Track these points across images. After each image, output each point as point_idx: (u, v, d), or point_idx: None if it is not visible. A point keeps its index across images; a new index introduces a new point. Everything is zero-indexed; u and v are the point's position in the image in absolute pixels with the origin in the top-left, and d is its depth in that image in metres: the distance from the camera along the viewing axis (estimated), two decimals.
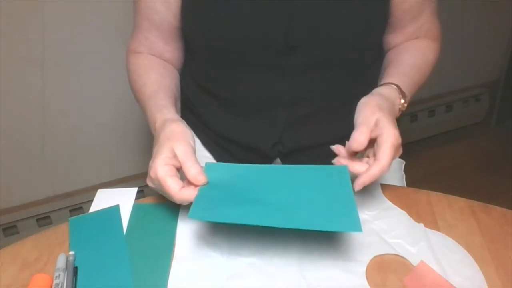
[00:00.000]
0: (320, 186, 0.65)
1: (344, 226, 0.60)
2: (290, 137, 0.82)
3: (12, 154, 1.33)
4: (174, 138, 0.66)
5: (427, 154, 1.82)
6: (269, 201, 0.62)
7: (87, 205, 1.04)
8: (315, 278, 0.60)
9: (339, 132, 0.83)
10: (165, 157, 0.63)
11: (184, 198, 0.62)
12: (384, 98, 0.70)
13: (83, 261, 0.62)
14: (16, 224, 1.42)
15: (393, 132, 0.64)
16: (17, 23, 1.18)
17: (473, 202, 0.71)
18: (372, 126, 0.66)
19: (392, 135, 0.64)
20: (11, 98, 1.26)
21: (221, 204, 0.61)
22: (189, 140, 0.67)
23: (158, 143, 0.66)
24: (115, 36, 1.24)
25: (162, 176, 0.62)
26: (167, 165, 0.63)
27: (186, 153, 0.64)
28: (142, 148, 1.50)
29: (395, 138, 0.64)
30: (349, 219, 0.59)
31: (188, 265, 0.62)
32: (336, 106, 0.82)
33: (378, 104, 0.68)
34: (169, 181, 0.62)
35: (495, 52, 1.92)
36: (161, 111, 0.72)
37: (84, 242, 0.65)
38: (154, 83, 0.79)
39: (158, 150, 0.65)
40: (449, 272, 0.60)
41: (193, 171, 0.63)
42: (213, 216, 0.60)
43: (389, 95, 0.72)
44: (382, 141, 0.64)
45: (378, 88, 0.74)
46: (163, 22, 0.80)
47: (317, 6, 0.72)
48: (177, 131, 0.67)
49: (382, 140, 0.64)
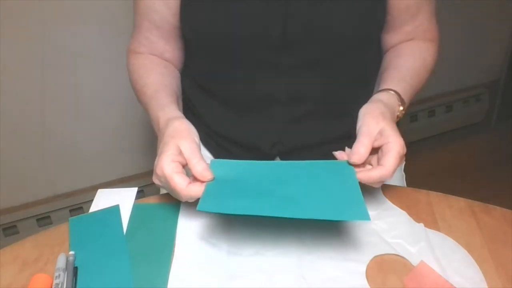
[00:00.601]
0: (326, 179, 0.65)
1: (352, 215, 0.61)
2: (289, 136, 0.82)
3: (12, 154, 1.33)
4: (179, 136, 0.66)
5: (427, 154, 1.82)
6: (276, 193, 0.63)
7: (87, 205, 1.04)
8: (315, 278, 0.60)
9: (338, 131, 0.84)
10: (171, 154, 0.64)
11: (191, 194, 0.62)
12: (385, 105, 0.70)
13: (83, 261, 0.62)
14: (16, 224, 1.42)
15: (400, 141, 0.65)
16: (17, 23, 1.18)
17: (473, 202, 0.71)
18: (375, 135, 0.66)
19: (399, 145, 0.64)
20: (11, 98, 1.26)
21: (229, 197, 0.62)
22: (194, 137, 0.67)
23: (163, 141, 0.66)
24: (115, 36, 1.24)
25: (169, 173, 0.62)
26: (173, 162, 0.63)
27: (191, 150, 0.65)
28: (142, 148, 1.50)
29: (401, 147, 0.65)
30: (357, 209, 0.60)
31: (188, 265, 0.62)
32: (334, 105, 0.82)
33: (381, 112, 0.68)
34: (176, 177, 0.62)
35: (495, 52, 1.92)
36: (163, 110, 0.73)
37: (84, 242, 0.65)
38: (155, 83, 0.79)
39: (164, 147, 0.65)
40: (449, 272, 0.60)
41: (199, 168, 0.63)
42: (222, 207, 0.60)
43: (389, 101, 0.72)
44: (388, 149, 0.64)
45: (378, 94, 0.74)
46: (163, 21, 0.80)
47: (314, 3, 0.72)
48: (182, 128, 0.68)
49: (388, 148, 0.64)
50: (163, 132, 0.68)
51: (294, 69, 0.77)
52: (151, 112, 0.75)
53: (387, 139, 0.65)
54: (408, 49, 0.83)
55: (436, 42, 0.85)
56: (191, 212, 0.69)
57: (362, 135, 0.66)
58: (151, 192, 1.49)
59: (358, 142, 0.66)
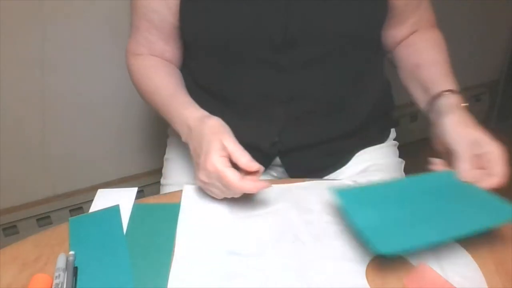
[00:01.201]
0: (453, 191, 0.66)
1: (506, 216, 0.62)
2: (289, 135, 0.82)
3: (12, 154, 1.33)
4: (219, 132, 0.68)
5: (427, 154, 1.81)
6: (423, 216, 0.63)
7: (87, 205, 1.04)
8: (315, 278, 0.60)
9: (337, 130, 0.84)
10: (219, 150, 0.65)
11: (246, 188, 0.64)
12: (460, 111, 0.72)
13: (83, 261, 0.62)
14: (16, 224, 1.42)
15: (497, 146, 0.66)
16: (17, 23, 1.18)
17: None
18: (470, 146, 0.67)
19: (501, 150, 0.66)
20: (11, 98, 1.26)
21: (396, 230, 0.61)
22: (231, 133, 0.69)
23: (205, 139, 0.68)
24: (115, 36, 1.24)
25: (221, 168, 0.64)
26: (222, 157, 0.65)
27: (234, 144, 0.67)
28: (142, 148, 1.50)
29: (501, 151, 0.66)
30: (505, 209, 0.61)
31: (188, 265, 0.62)
32: (335, 103, 0.82)
33: (464, 122, 0.70)
34: (229, 172, 0.64)
35: (495, 52, 1.91)
36: (188, 109, 0.74)
37: (84, 242, 0.65)
38: (170, 83, 0.80)
39: (210, 145, 0.66)
40: (449, 273, 0.60)
41: (244, 160, 0.65)
42: (401, 244, 0.59)
43: (458, 105, 0.73)
44: (495, 158, 0.65)
45: (444, 102, 0.74)
46: (162, 21, 0.80)
47: (315, 3, 0.72)
48: (219, 124, 0.70)
49: (495, 157, 0.66)
50: (199, 131, 0.70)
51: (294, 68, 0.77)
52: (172, 111, 0.76)
53: (487, 148, 0.66)
54: (430, 42, 0.84)
55: (437, 27, 0.87)
56: (191, 212, 0.69)
57: (462, 153, 0.67)
58: (151, 192, 1.50)
59: (463, 162, 0.67)
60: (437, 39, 0.85)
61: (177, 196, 0.73)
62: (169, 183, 0.92)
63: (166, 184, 0.93)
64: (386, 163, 0.89)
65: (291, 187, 0.74)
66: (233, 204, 0.70)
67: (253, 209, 0.70)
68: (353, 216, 0.63)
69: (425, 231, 0.61)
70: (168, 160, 0.96)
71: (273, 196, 0.72)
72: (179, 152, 0.94)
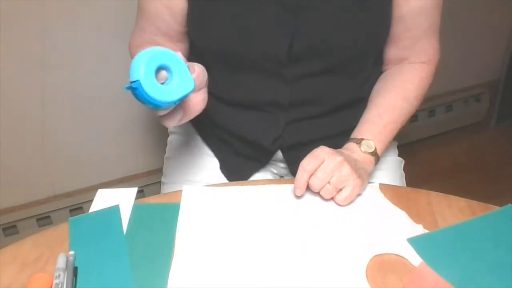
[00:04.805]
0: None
1: None
2: (291, 133, 0.83)
3: (12, 154, 1.33)
4: None
5: (427, 154, 1.82)
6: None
7: (87, 205, 1.04)
8: (315, 278, 0.60)
9: (340, 127, 0.84)
10: None
11: None
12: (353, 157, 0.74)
13: (83, 261, 0.62)
14: (16, 224, 1.42)
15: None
16: (17, 23, 1.18)
17: (473, 202, 0.71)
18: None
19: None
20: (11, 98, 1.26)
21: None
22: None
23: None
24: (115, 36, 1.24)
25: None
26: None
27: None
28: (142, 148, 1.50)
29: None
30: None
31: (188, 265, 0.62)
32: (336, 106, 0.83)
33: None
34: None
35: (495, 52, 1.91)
36: None
37: (84, 242, 0.65)
38: None
39: None
40: None
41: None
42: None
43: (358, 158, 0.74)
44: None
45: (351, 145, 0.76)
46: (169, 29, 0.81)
47: (321, 21, 0.74)
48: None
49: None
50: None
51: (298, 79, 0.78)
52: None
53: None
54: (398, 83, 0.82)
55: (434, 64, 0.84)
56: (191, 212, 0.69)
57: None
58: (151, 192, 1.50)
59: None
60: (408, 90, 0.81)
61: (177, 196, 0.73)
62: (170, 181, 0.93)
63: (166, 183, 0.93)
64: (385, 162, 0.89)
65: (291, 187, 0.74)
66: (233, 204, 0.70)
67: (253, 209, 0.70)
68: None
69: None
70: (168, 159, 0.96)
71: (273, 196, 0.72)
72: (179, 150, 0.94)
